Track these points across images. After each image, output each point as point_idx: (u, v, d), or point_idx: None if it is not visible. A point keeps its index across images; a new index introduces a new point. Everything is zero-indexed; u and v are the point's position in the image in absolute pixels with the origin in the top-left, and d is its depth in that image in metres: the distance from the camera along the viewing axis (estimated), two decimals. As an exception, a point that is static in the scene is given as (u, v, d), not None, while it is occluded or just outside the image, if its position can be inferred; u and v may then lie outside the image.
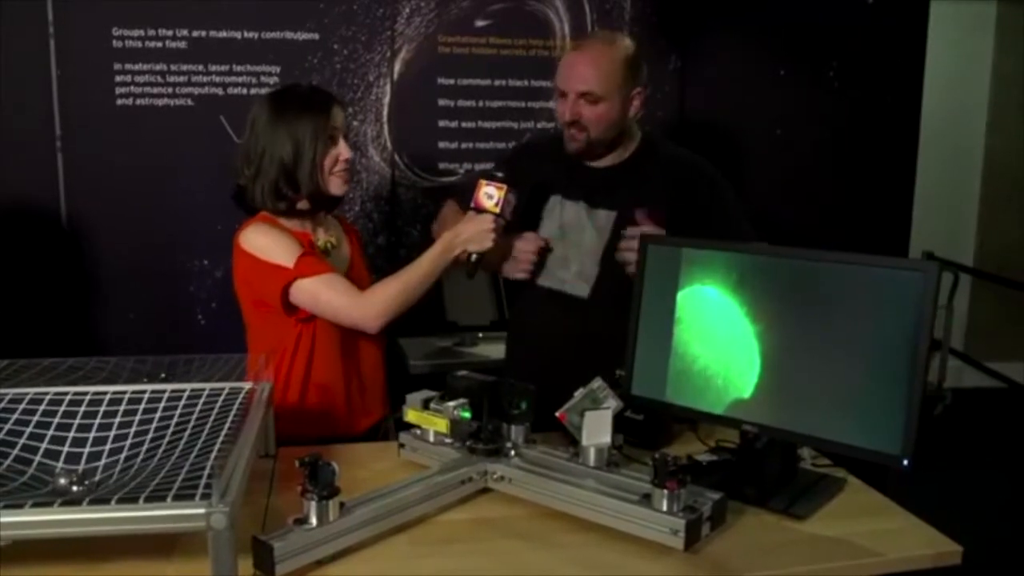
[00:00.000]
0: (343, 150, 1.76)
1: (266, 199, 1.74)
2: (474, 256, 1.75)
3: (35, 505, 1.09)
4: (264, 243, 1.71)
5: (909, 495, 1.53)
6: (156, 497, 1.10)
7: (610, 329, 1.72)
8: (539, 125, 3.00)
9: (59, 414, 1.39)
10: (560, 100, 1.89)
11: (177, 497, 1.09)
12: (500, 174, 1.77)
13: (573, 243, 1.94)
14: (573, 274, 1.93)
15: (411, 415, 1.56)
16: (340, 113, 1.78)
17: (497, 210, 1.74)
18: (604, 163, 1.96)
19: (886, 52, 3.29)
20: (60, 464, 1.32)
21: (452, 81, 2.95)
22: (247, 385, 1.52)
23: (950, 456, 1.74)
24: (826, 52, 3.25)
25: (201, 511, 1.07)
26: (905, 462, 1.33)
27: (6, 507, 1.08)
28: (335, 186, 1.78)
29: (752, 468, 1.50)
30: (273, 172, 1.72)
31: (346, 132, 1.80)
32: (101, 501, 1.10)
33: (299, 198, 1.75)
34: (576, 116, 1.86)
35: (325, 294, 1.71)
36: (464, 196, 1.96)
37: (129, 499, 1.10)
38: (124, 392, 1.45)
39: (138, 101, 2.68)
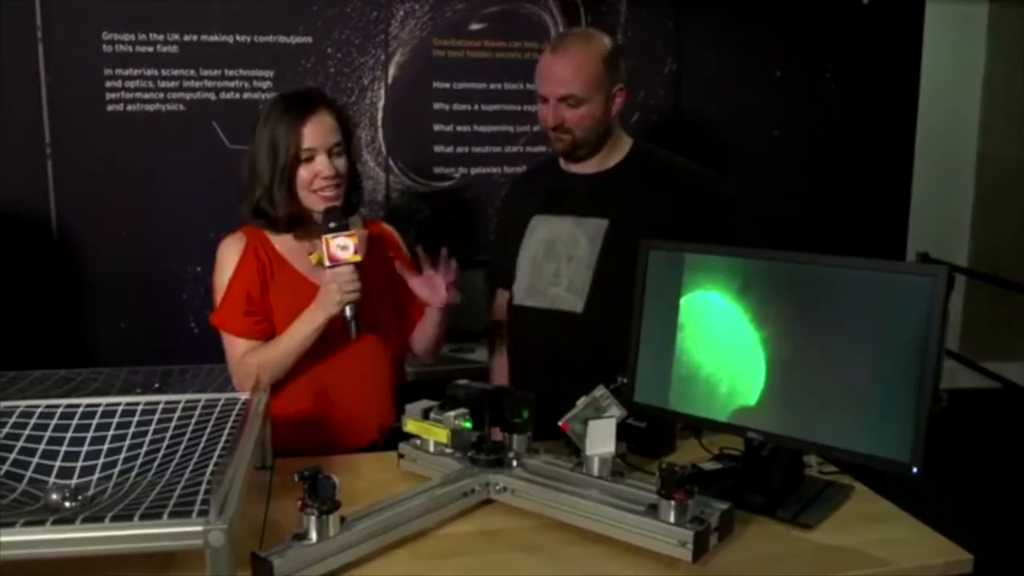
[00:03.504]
0: (322, 167, 1.66)
1: (247, 216, 1.72)
2: (348, 310, 1.64)
3: (27, 524, 1.06)
4: (219, 264, 1.74)
5: (908, 498, 1.51)
6: (152, 514, 1.07)
7: (608, 342, 1.68)
8: (535, 128, 2.97)
9: (51, 427, 1.36)
10: (542, 105, 1.87)
11: (173, 514, 1.07)
12: (334, 224, 1.62)
13: (563, 257, 1.89)
14: (564, 289, 1.88)
15: (411, 425, 1.53)
16: (322, 122, 1.66)
17: (358, 258, 1.63)
18: (591, 169, 1.92)
19: (882, 53, 3.28)
20: (52, 479, 1.29)
21: (447, 85, 2.93)
22: (244, 395, 1.50)
23: (949, 458, 1.72)
24: (822, 54, 3.24)
25: (198, 528, 1.04)
26: (915, 469, 1.31)
27: (-3, 526, 1.04)
28: (315, 203, 1.69)
29: (758, 476, 1.48)
30: (256, 189, 1.68)
31: (335, 143, 1.68)
32: (95, 519, 1.07)
33: (277, 217, 1.70)
34: (559, 121, 1.83)
35: (226, 346, 1.75)
36: (497, 277, 2.05)
37: (124, 516, 1.07)
38: (117, 404, 1.42)
39: (129, 107, 2.65)
